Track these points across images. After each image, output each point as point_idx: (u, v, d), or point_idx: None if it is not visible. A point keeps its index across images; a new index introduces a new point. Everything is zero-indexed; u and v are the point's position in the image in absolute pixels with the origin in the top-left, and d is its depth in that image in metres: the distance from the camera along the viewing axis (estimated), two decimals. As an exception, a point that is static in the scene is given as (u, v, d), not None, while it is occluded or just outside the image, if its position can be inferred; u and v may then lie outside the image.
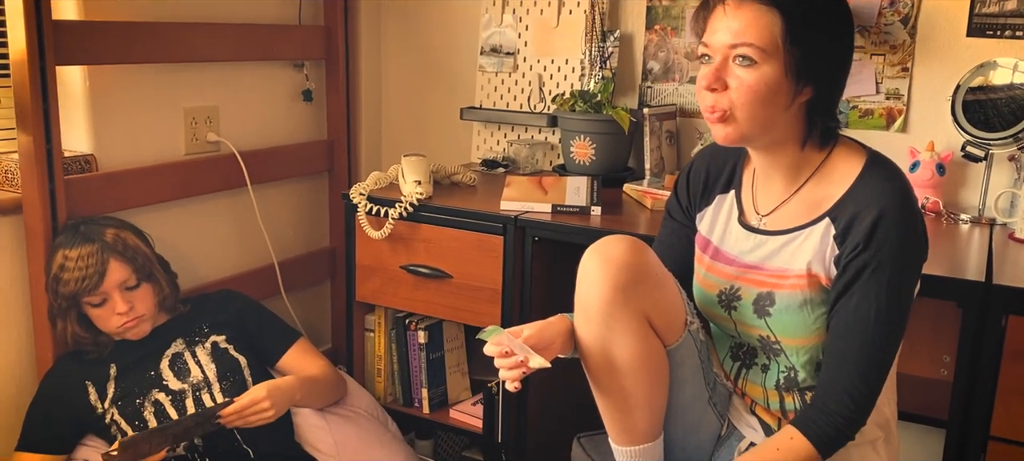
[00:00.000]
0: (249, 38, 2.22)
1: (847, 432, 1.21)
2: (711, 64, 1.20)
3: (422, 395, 2.11)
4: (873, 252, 1.17)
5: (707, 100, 1.21)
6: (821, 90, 1.21)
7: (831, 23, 1.20)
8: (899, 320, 1.20)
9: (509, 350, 1.23)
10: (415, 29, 2.58)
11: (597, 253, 1.25)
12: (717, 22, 1.19)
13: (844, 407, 1.20)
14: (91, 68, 1.89)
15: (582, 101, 2.17)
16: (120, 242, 1.71)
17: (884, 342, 1.19)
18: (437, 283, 1.96)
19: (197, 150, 2.15)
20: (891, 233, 1.16)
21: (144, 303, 1.74)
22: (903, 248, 1.17)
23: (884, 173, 1.21)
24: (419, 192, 1.94)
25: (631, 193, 2.05)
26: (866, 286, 1.18)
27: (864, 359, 1.19)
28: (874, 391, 1.20)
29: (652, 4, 2.25)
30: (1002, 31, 1.90)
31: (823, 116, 1.23)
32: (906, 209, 1.18)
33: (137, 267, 1.71)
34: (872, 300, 1.18)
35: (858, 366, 1.19)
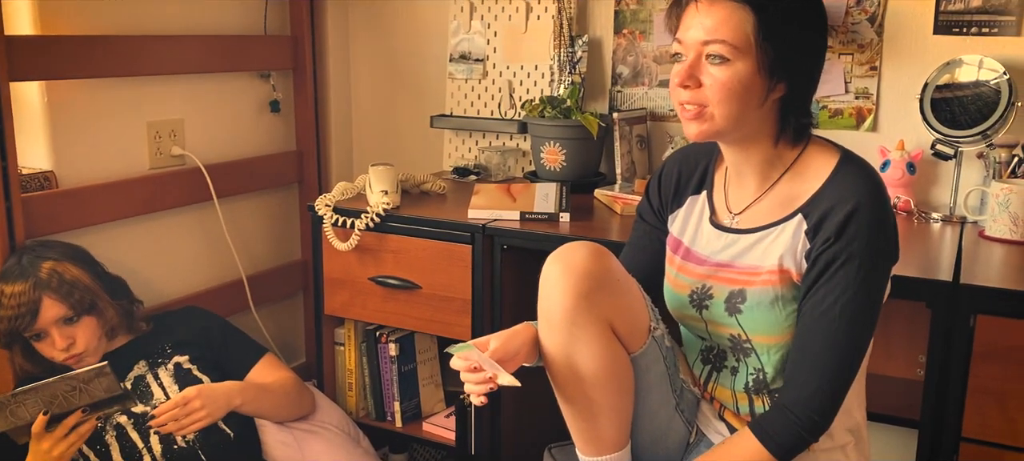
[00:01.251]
0: (213, 49, 2.19)
1: (809, 438, 1.19)
2: (684, 61, 1.19)
3: (395, 408, 2.08)
4: (843, 245, 1.16)
5: (681, 96, 1.21)
6: (794, 86, 1.20)
7: (805, 19, 1.19)
8: (867, 318, 1.19)
9: (478, 365, 1.20)
10: (383, 37, 2.56)
11: (559, 260, 1.23)
12: (690, 19, 1.18)
13: (807, 411, 1.18)
14: (49, 83, 1.86)
15: (551, 107, 2.15)
16: (56, 277, 1.64)
17: (851, 340, 1.18)
18: (407, 294, 1.93)
19: (161, 164, 2.12)
20: (862, 228, 1.15)
21: (85, 337, 1.68)
22: (874, 244, 1.16)
23: (858, 170, 1.21)
24: (386, 202, 1.91)
25: (602, 198, 2.03)
26: (834, 279, 1.17)
27: (830, 358, 1.17)
28: (840, 393, 1.19)
29: (620, 8, 2.23)
30: (967, 28, 1.89)
31: (796, 113, 1.23)
32: (878, 206, 1.17)
33: (74, 302, 1.65)
34: (839, 294, 1.16)
35: (824, 367, 1.18)
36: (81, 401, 1.53)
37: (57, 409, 1.52)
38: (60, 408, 1.53)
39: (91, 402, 1.54)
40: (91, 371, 1.50)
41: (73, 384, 1.50)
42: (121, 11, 1.99)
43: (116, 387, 1.54)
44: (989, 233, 1.73)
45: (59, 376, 1.51)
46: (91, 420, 1.56)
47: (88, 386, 1.52)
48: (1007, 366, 1.39)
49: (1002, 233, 1.70)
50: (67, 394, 1.52)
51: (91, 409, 1.55)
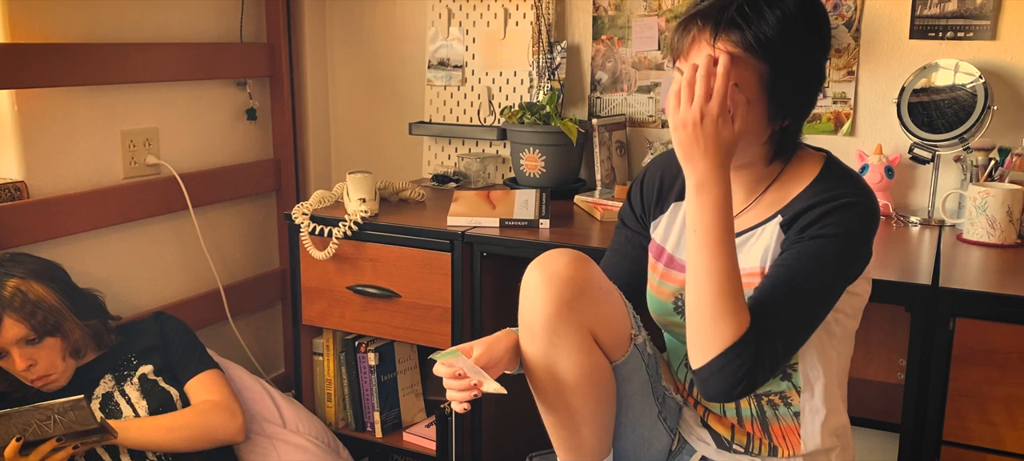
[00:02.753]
0: (189, 57, 2.16)
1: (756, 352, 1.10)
2: None
3: (375, 419, 2.06)
4: (819, 226, 1.15)
5: None
6: (796, 120, 1.21)
7: (812, 63, 1.18)
8: (826, 277, 1.15)
9: (461, 372, 1.19)
10: (361, 43, 2.54)
11: (539, 268, 1.22)
12: (700, 53, 1.14)
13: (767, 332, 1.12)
14: (20, 92, 1.82)
15: (530, 113, 2.14)
16: (19, 296, 1.61)
17: (806, 290, 1.13)
18: (386, 303, 1.91)
19: (136, 174, 2.09)
20: (838, 213, 1.15)
21: (47, 358, 1.64)
22: (847, 226, 1.15)
23: (840, 176, 1.21)
24: (363, 210, 1.89)
25: (582, 204, 2.03)
26: (800, 245, 1.16)
27: (786, 304, 1.13)
28: (783, 337, 1.13)
29: (598, 14, 2.23)
30: (943, 32, 1.90)
31: (793, 138, 1.23)
32: (860, 198, 1.17)
33: (36, 323, 1.61)
34: (803, 254, 1.15)
35: (781, 310, 1.13)
36: (55, 431, 1.51)
37: (31, 436, 1.50)
38: (34, 436, 1.50)
39: (66, 433, 1.51)
40: (66, 403, 1.48)
41: (47, 414, 1.48)
42: (94, 19, 1.96)
43: (91, 421, 1.51)
44: (967, 236, 1.74)
45: (34, 405, 1.48)
46: (67, 448, 1.53)
47: (63, 417, 1.50)
48: (987, 369, 1.40)
49: (980, 236, 1.71)
50: (41, 423, 1.49)
51: (66, 439, 1.52)
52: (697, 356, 1.14)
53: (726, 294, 1.10)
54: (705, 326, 1.12)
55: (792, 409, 1.27)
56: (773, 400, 1.28)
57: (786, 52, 1.12)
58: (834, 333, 1.24)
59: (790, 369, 1.25)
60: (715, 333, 1.11)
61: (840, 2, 1.98)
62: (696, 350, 1.14)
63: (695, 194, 1.12)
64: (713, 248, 1.11)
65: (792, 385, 1.26)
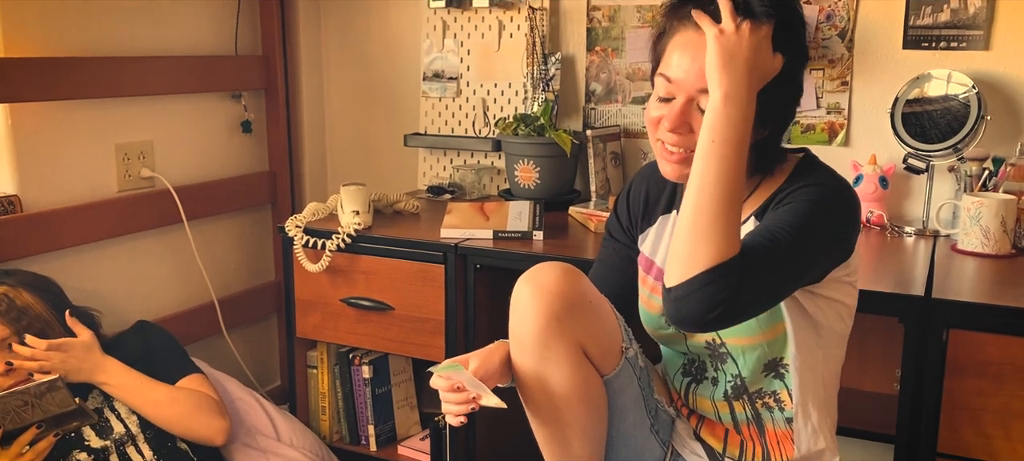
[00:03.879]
0: (183, 70, 2.17)
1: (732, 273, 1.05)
2: (675, 105, 1.16)
3: (369, 432, 2.06)
4: (790, 198, 1.15)
5: (668, 139, 1.18)
6: (776, 130, 1.20)
7: (793, 70, 1.17)
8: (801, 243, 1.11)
9: (459, 385, 1.18)
10: (356, 56, 2.54)
11: (530, 281, 1.21)
12: (681, 56, 1.14)
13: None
14: (13, 106, 1.83)
15: (524, 124, 2.14)
16: (5, 301, 1.62)
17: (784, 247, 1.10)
18: (379, 315, 1.91)
19: (130, 187, 2.09)
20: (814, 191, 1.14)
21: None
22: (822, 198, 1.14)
23: (813, 168, 1.21)
24: (357, 223, 1.89)
25: (576, 216, 2.02)
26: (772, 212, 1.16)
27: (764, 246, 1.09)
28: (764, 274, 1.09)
29: (592, 26, 2.23)
30: (936, 43, 1.90)
31: (772, 152, 1.22)
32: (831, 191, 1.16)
33: (20, 328, 1.62)
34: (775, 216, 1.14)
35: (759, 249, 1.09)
36: (34, 416, 1.50)
37: (11, 425, 1.49)
38: (13, 424, 1.50)
39: (45, 417, 1.51)
40: (42, 385, 1.47)
41: (24, 398, 1.47)
42: (88, 33, 1.96)
43: (70, 402, 1.51)
44: (961, 246, 1.73)
45: (9, 390, 1.48)
46: (49, 437, 1.52)
47: (40, 401, 1.49)
48: (980, 380, 1.39)
49: (974, 246, 1.70)
50: (19, 409, 1.48)
51: (47, 426, 1.52)
52: (677, 270, 1.07)
53: (727, 209, 1.06)
54: (695, 237, 1.06)
55: (785, 414, 1.27)
56: (768, 403, 1.28)
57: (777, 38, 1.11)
58: (821, 335, 1.23)
59: (782, 368, 1.25)
60: (704, 247, 1.05)
61: (833, 12, 1.98)
62: (679, 263, 1.07)
63: (723, 104, 1.07)
64: (728, 160, 1.07)
65: (784, 385, 1.26)
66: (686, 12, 1.15)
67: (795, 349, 1.22)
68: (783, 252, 1.10)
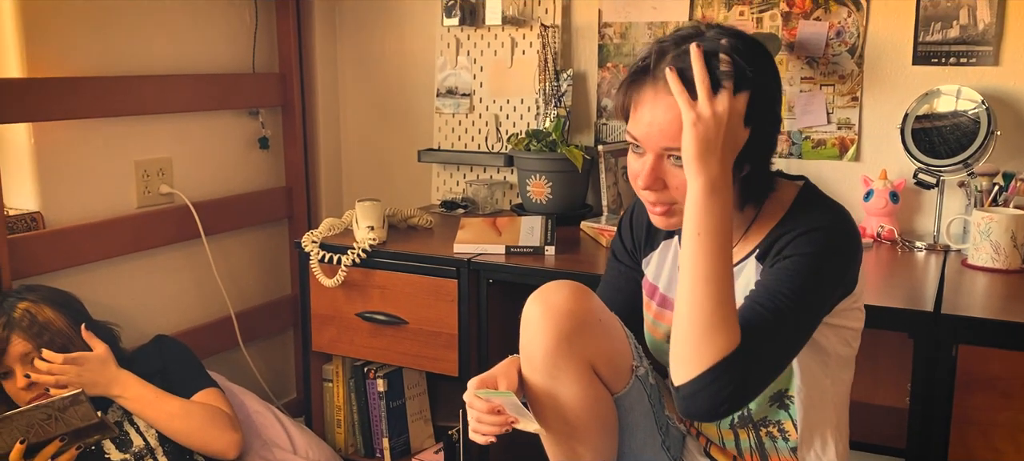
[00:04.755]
0: (202, 88, 2.21)
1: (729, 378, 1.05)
2: (646, 161, 1.15)
3: (383, 445, 2.08)
4: (793, 248, 1.13)
5: (647, 196, 1.19)
6: (758, 164, 1.17)
7: (764, 105, 1.13)
8: (803, 306, 1.11)
9: (499, 407, 1.19)
10: (371, 73, 2.58)
11: (539, 300, 1.23)
12: (646, 113, 1.13)
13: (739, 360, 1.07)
14: (36, 125, 1.87)
15: (536, 140, 2.16)
16: (27, 317, 1.65)
17: (786, 315, 1.09)
18: (394, 329, 1.93)
19: (150, 203, 2.12)
20: (817, 236, 1.13)
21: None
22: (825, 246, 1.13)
23: (814, 202, 1.20)
24: (372, 238, 1.92)
25: (588, 231, 2.04)
26: (771, 269, 1.14)
27: (765, 320, 1.09)
28: (768, 362, 1.09)
29: (603, 42, 2.26)
30: (946, 58, 1.91)
31: (759, 183, 1.21)
32: (833, 231, 1.15)
33: (42, 343, 1.65)
34: (774, 276, 1.12)
35: (760, 326, 1.09)
36: (58, 430, 1.53)
37: (34, 438, 1.52)
38: (37, 437, 1.52)
39: (68, 430, 1.53)
40: (66, 399, 1.50)
41: (48, 412, 1.50)
42: (108, 52, 2.00)
43: (92, 415, 1.53)
44: (972, 261, 1.74)
45: (34, 404, 1.50)
46: (71, 450, 1.55)
47: (63, 414, 1.51)
48: (990, 396, 1.39)
49: (984, 261, 1.71)
50: (43, 422, 1.51)
51: (70, 439, 1.55)
52: (682, 370, 1.07)
53: (722, 304, 1.06)
54: (695, 337, 1.06)
55: (789, 444, 1.27)
56: (772, 432, 1.28)
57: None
58: (828, 363, 1.23)
59: (787, 399, 1.25)
60: (705, 346, 1.05)
61: (843, 29, 2.00)
62: (682, 363, 1.07)
63: (706, 196, 1.07)
64: (717, 253, 1.07)
65: (789, 416, 1.26)
66: (648, 71, 1.13)
67: (800, 381, 1.22)
68: (786, 322, 1.09)
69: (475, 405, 1.21)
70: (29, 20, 1.83)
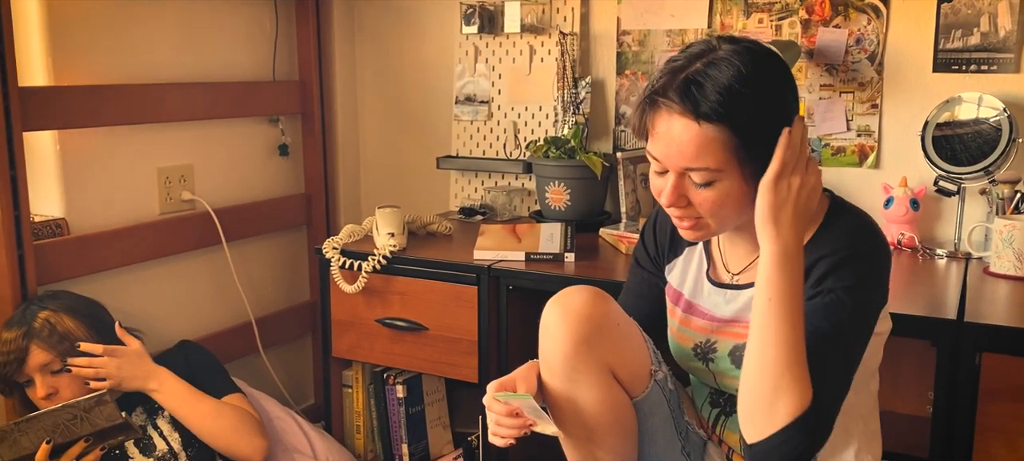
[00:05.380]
0: (223, 95, 2.23)
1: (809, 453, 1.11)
2: (668, 180, 1.17)
3: (403, 451, 2.09)
4: (835, 278, 1.14)
5: (673, 212, 1.20)
6: None
7: (777, 113, 1.14)
8: (853, 338, 1.14)
9: (518, 410, 1.20)
10: (390, 80, 2.60)
11: (558, 305, 1.23)
12: (664, 134, 1.14)
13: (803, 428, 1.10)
14: (61, 132, 1.89)
15: (555, 147, 2.17)
16: (47, 327, 1.66)
17: (834, 357, 1.12)
18: (414, 336, 1.94)
19: (171, 209, 2.14)
20: (855, 262, 1.14)
21: (70, 389, 1.68)
22: (864, 275, 1.14)
23: (847, 219, 1.20)
24: (392, 244, 1.93)
25: (607, 237, 2.05)
26: (824, 299, 1.14)
27: (821, 375, 1.11)
28: (834, 408, 1.12)
29: (622, 50, 2.26)
30: (966, 66, 1.91)
31: None
32: (871, 243, 1.16)
33: (62, 352, 1.67)
34: (827, 317, 1.13)
35: (817, 381, 1.10)
36: (83, 430, 1.54)
37: (60, 438, 1.54)
38: (63, 437, 1.54)
39: (93, 431, 1.55)
40: (91, 399, 1.52)
41: (74, 412, 1.52)
42: (132, 60, 2.03)
43: (117, 416, 1.55)
44: (994, 269, 1.73)
45: (61, 405, 1.52)
46: (96, 451, 1.57)
47: (89, 415, 1.53)
48: (1015, 404, 1.39)
49: (1006, 269, 1.70)
50: (69, 423, 1.53)
51: (95, 439, 1.56)
52: (753, 430, 1.09)
53: (793, 365, 1.06)
54: (766, 398, 1.07)
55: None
56: None
57: (742, 115, 1.10)
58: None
59: None
60: (777, 407, 1.06)
61: (863, 36, 1.99)
62: (753, 423, 1.09)
63: (779, 262, 1.09)
64: (789, 318, 1.07)
65: None
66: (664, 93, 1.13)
67: None
68: (849, 366, 1.13)
69: (494, 408, 1.22)
70: (55, 29, 1.85)
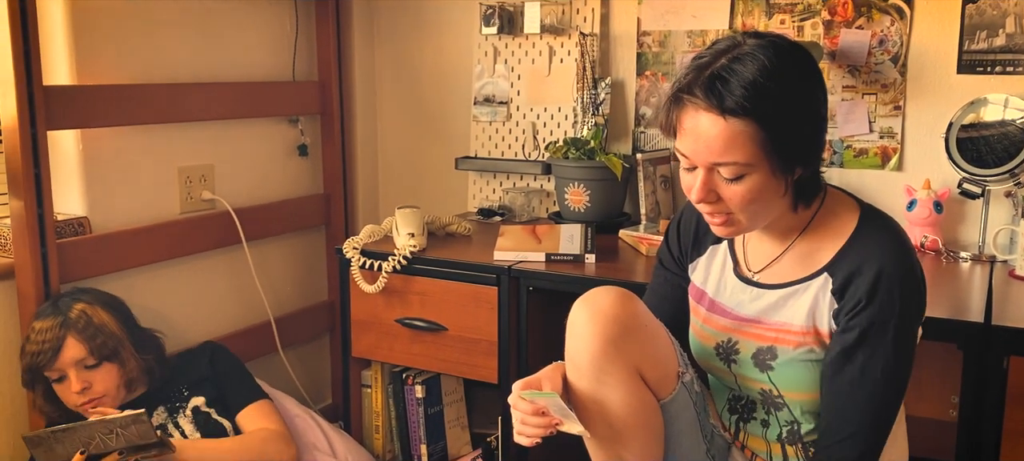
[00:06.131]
0: (243, 96, 2.23)
1: None
2: (697, 176, 1.17)
3: (421, 451, 2.08)
4: (876, 309, 1.15)
5: (704, 208, 1.21)
6: (809, 166, 1.20)
7: (805, 106, 1.15)
8: (904, 375, 1.19)
9: (544, 409, 1.20)
10: (409, 81, 2.60)
11: (586, 305, 1.23)
12: (691, 130, 1.14)
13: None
14: (84, 131, 1.90)
15: (574, 148, 2.17)
16: (83, 318, 1.67)
17: (891, 400, 1.19)
18: (433, 336, 1.94)
19: (192, 209, 2.15)
20: (894, 290, 1.15)
21: (103, 383, 1.69)
22: (906, 303, 1.16)
23: (881, 227, 1.20)
24: (412, 245, 1.93)
25: (627, 239, 2.04)
26: (871, 345, 1.16)
27: (871, 419, 1.17)
28: (879, 448, 1.19)
29: (642, 51, 2.26)
30: (991, 67, 1.89)
31: (812, 183, 1.23)
32: (906, 263, 1.17)
33: (96, 347, 1.67)
34: (879, 359, 1.16)
35: (864, 428, 1.17)
36: (117, 444, 1.55)
37: (94, 450, 1.55)
38: (97, 449, 1.55)
39: (127, 446, 1.56)
40: (128, 417, 1.53)
41: (110, 427, 1.53)
42: (154, 60, 2.04)
43: (152, 434, 1.56)
44: (1019, 272, 1.71)
45: (98, 418, 1.53)
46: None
47: (125, 431, 1.54)
48: (1042, 409, 1.38)
49: (1033, 272, 1.68)
50: (104, 437, 1.54)
51: (127, 452, 1.57)
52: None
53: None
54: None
55: None
56: None
57: (768, 108, 1.10)
58: None
59: None
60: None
61: (886, 37, 1.98)
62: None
63: None
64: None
65: None
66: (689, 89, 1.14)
67: None
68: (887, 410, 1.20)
69: (519, 407, 1.22)
70: (78, 29, 1.86)
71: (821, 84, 1.19)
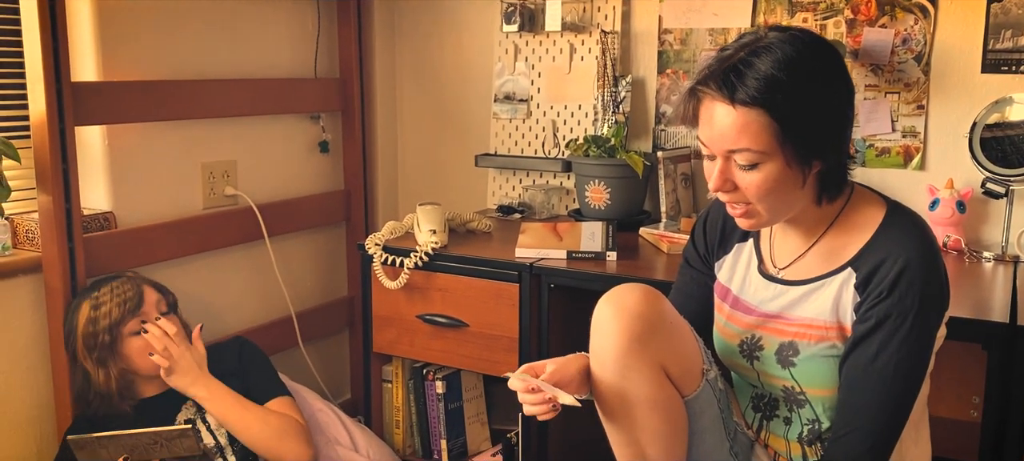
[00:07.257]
0: (266, 92, 2.25)
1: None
2: (715, 164, 1.20)
3: (441, 446, 2.10)
4: (896, 301, 1.15)
5: (723, 198, 1.23)
6: (830, 159, 1.20)
7: (824, 100, 1.16)
8: (920, 371, 1.19)
9: (536, 387, 1.21)
10: (430, 78, 2.61)
11: (611, 302, 1.24)
12: (708, 118, 1.18)
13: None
14: (110, 127, 1.92)
15: (595, 146, 2.17)
16: (140, 276, 1.80)
17: (904, 394, 1.18)
18: (454, 332, 1.95)
19: (215, 204, 2.17)
20: (915, 283, 1.15)
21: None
22: (926, 298, 1.16)
23: (906, 223, 1.20)
24: (434, 241, 1.94)
25: (647, 237, 2.04)
26: (887, 336, 1.16)
27: (885, 413, 1.17)
28: (893, 442, 1.19)
29: (663, 49, 2.26)
30: (1017, 66, 1.88)
31: (836, 177, 1.23)
32: (930, 259, 1.17)
33: (165, 294, 1.80)
34: (893, 352, 1.16)
35: (879, 421, 1.17)
36: (160, 454, 1.58)
37: (137, 458, 1.58)
38: (140, 457, 1.59)
39: (170, 457, 1.59)
40: (175, 431, 1.57)
41: (156, 439, 1.57)
42: (178, 57, 2.06)
43: (196, 449, 1.59)
44: (1044, 273, 1.71)
45: (145, 430, 1.57)
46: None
47: (170, 443, 1.58)
48: (1067, 410, 1.37)
49: (1057, 273, 1.68)
50: (149, 446, 1.58)
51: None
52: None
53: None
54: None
55: None
56: None
57: (780, 99, 1.12)
58: None
59: None
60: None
61: (909, 36, 1.97)
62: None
63: None
64: None
65: None
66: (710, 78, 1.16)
67: None
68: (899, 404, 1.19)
69: (514, 386, 1.24)
70: (105, 26, 1.88)
71: (843, 78, 1.20)
